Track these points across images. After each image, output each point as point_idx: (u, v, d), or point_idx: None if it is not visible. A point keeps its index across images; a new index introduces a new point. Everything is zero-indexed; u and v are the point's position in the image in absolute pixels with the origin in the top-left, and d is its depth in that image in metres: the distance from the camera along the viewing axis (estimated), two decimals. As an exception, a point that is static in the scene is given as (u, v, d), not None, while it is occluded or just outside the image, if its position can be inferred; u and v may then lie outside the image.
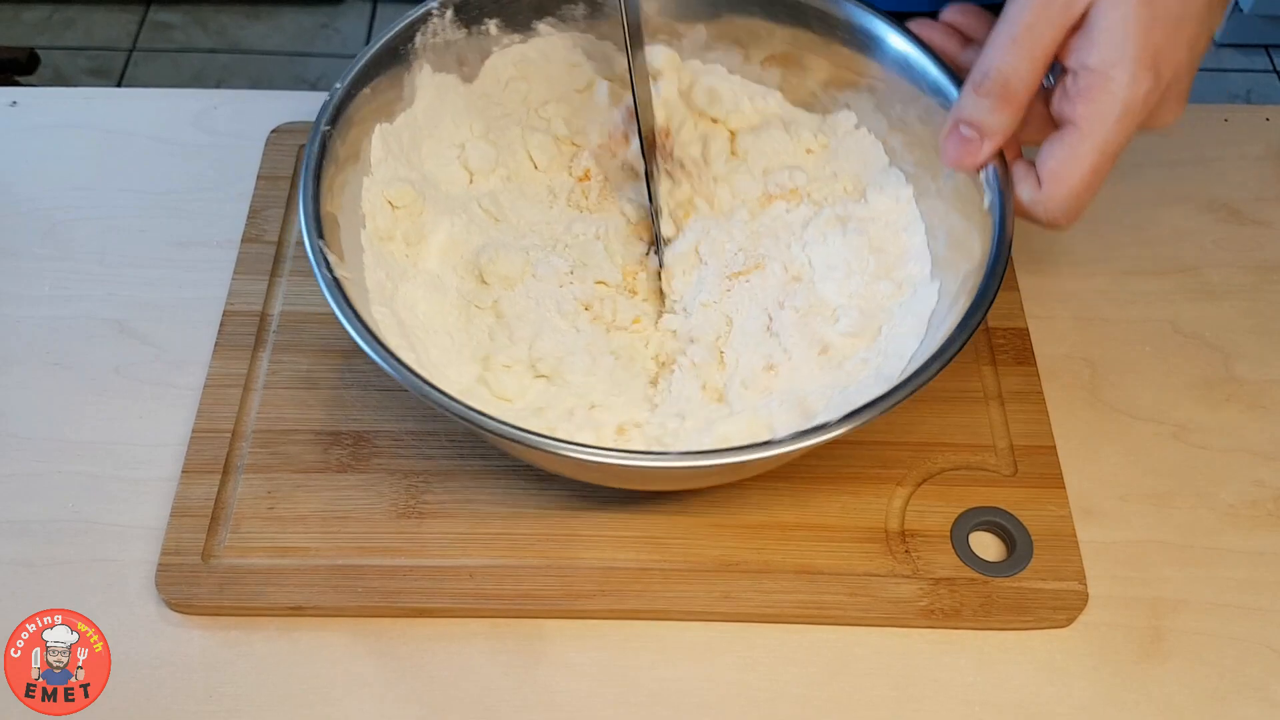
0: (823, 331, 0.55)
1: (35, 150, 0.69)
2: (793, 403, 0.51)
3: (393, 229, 0.55)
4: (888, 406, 0.45)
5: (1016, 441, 0.56)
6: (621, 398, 0.53)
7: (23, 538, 0.53)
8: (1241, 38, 1.85)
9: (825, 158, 0.61)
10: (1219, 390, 0.60)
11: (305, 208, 0.49)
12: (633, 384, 0.54)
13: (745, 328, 0.55)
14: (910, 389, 0.46)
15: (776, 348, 0.54)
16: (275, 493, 0.54)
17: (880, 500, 0.54)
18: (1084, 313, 0.62)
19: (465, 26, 0.58)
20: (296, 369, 0.58)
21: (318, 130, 0.52)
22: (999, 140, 0.49)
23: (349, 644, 0.51)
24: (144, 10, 1.89)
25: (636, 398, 0.54)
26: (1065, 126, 0.47)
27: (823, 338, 0.55)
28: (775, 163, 0.61)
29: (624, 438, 0.51)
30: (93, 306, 0.61)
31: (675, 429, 0.51)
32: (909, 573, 0.52)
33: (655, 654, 0.51)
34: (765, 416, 0.51)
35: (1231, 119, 0.71)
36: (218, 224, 0.65)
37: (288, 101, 0.70)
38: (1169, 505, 0.56)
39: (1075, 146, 0.47)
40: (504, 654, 0.51)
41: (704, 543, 0.53)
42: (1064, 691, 0.50)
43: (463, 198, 0.59)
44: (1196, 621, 0.52)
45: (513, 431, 0.44)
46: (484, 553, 0.52)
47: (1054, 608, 0.51)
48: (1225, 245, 0.65)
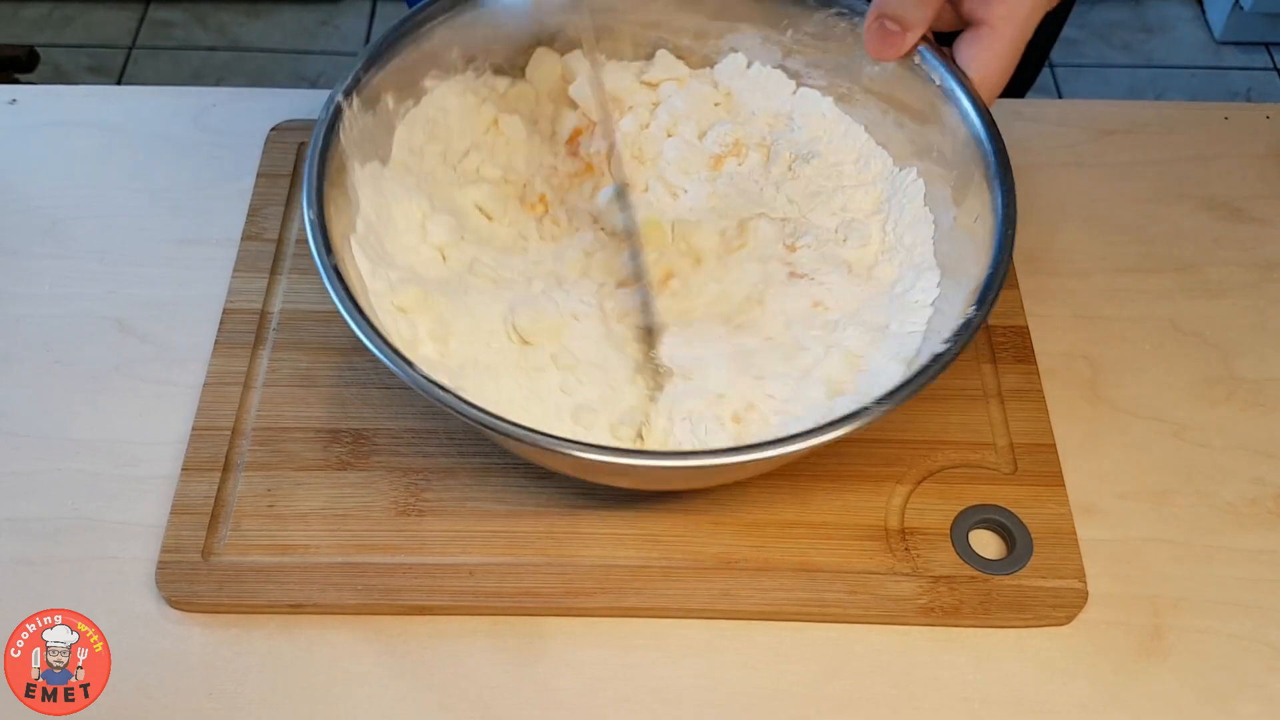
0: (839, 253, 0.57)
1: (35, 148, 0.69)
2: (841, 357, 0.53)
3: (416, 334, 0.52)
4: (893, 405, 0.45)
5: (1016, 439, 0.56)
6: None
7: (23, 536, 0.53)
8: (1242, 35, 1.85)
9: (737, 104, 0.62)
10: (1219, 388, 0.60)
11: (374, 343, 0.47)
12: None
13: (773, 283, 0.56)
14: (913, 388, 0.46)
15: (812, 285, 0.56)
16: (275, 490, 0.54)
17: (880, 498, 0.54)
18: (1084, 311, 0.62)
19: (370, 109, 0.55)
20: (296, 367, 0.58)
21: (324, 265, 0.48)
22: (920, 31, 0.53)
23: (349, 642, 0.51)
24: (144, 8, 1.89)
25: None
26: (981, 27, 0.51)
27: (844, 258, 0.57)
28: (705, 124, 0.61)
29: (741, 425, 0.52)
30: (93, 304, 0.61)
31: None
32: (909, 571, 0.52)
33: (655, 652, 0.51)
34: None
35: (1232, 117, 0.71)
36: (217, 222, 0.64)
37: (287, 99, 0.70)
38: (1169, 503, 0.56)
39: (993, 45, 0.51)
40: (504, 651, 0.51)
41: (704, 540, 0.53)
42: (1064, 689, 0.50)
43: (451, 277, 0.56)
44: (1196, 619, 0.52)
45: (520, 431, 0.44)
46: (484, 550, 0.52)
47: (1054, 606, 0.51)
48: (1225, 243, 0.65)
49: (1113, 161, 0.69)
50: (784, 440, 0.45)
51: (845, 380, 0.52)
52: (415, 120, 0.58)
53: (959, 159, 0.54)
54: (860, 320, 0.54)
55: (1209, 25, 1.89)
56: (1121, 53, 1.85)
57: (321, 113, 0.52)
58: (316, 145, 0.51)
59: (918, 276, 0.55)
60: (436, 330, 0.53)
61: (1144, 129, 0.70)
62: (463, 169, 0.60)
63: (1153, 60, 1.84)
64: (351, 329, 0.46)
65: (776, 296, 0.56)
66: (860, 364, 0.53)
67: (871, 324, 0.54)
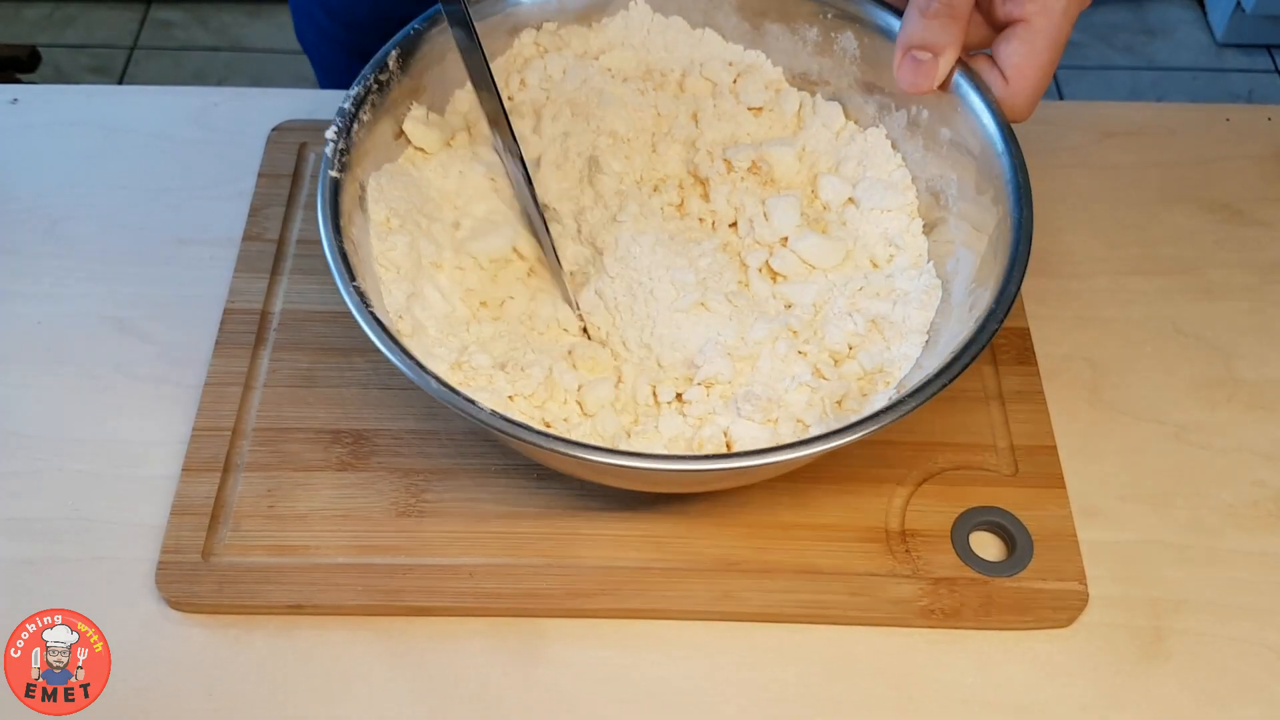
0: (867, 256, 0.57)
1: (36, 148, 0.68)
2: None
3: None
4: (898, 416, 0.46)
5: (1017, 441, 0.56)
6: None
7: (23, 536, 0.53)
8: (1243, 38, 1.85)
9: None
10: (1220, 390, 0.60)
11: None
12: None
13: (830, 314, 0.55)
14: (922, 398, 0.46)
15: (856, 318, 0.55)
16: (275, 491, 0.54)
17: (880, 500, 0.54)
18: (1085, 312, 0.62)
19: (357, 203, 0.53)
20: (297, 367, 0.58)
21: (424, 379, 0.46)
22: (954, 54, 0.52)
23: (349, 643, 0.51)
24: (145, 8, 1.89)
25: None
26: (1017, 25, 0.50)
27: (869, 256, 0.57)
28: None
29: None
30: (93, 304, 0.61)
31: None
32: (909, 572, 0.52)
33: (656, 653, 0.51)
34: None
35: (1233, 119, 0.71)
36: (218, 222, 0.64)
37: (288, 99, 0.70)
38: (1170, 505, 0.55)
39: (1032, 42, 0.50)
40: (504, 653, 0.51)
41: (705, 542, 0.53)
42: (1064, 691, 0.50)
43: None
44: (1197, 622, 0.52)
45: (529, 434, 0.45)
46: (484, 551, 0.52)
47: (1054, 608, 0.51)
48: (1226, 245, 0.65)
49: (1114, 163, 0.69)
50: (790, 446, 0.45)
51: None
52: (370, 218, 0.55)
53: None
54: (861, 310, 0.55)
55: (1210, 27, 1.89)
56: (1123, 55, 1.85)
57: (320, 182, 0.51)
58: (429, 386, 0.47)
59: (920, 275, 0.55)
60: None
61: (1145, 131, 0.70)
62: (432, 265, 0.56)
63: (1154, 62, 1.84)
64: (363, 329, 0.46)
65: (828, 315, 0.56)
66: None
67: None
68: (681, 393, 0.53)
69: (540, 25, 0.60)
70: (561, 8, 0.60)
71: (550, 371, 0.52)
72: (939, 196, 0.56)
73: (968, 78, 0.53)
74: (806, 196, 0.59)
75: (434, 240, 0.55)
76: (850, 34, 0.58)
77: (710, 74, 0.61)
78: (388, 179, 0.55)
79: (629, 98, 0.60)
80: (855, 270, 0.57)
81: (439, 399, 0.45)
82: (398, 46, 0.55)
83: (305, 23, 0.88)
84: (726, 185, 0.59)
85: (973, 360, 0.47)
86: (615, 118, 0.59)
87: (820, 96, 0.61)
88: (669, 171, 0.60)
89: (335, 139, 0.52)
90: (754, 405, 0.51)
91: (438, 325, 0.53)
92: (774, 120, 0.61)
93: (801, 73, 0.61)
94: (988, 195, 0.52)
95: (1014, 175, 0.51)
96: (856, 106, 0.60)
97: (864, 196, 0.58)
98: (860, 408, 0.51)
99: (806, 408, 0.51)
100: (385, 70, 0.54)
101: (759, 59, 0.61)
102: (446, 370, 0.51)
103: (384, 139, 0.55)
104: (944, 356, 0.48)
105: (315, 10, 0.84)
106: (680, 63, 0.62)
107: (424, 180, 0.57)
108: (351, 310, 0.47)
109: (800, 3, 0.59)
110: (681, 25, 0.61)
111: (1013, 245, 0.50)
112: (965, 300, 0.52)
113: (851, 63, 0.59)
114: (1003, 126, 0.52)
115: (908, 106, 0.57)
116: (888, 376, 0.53)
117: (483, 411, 0.45)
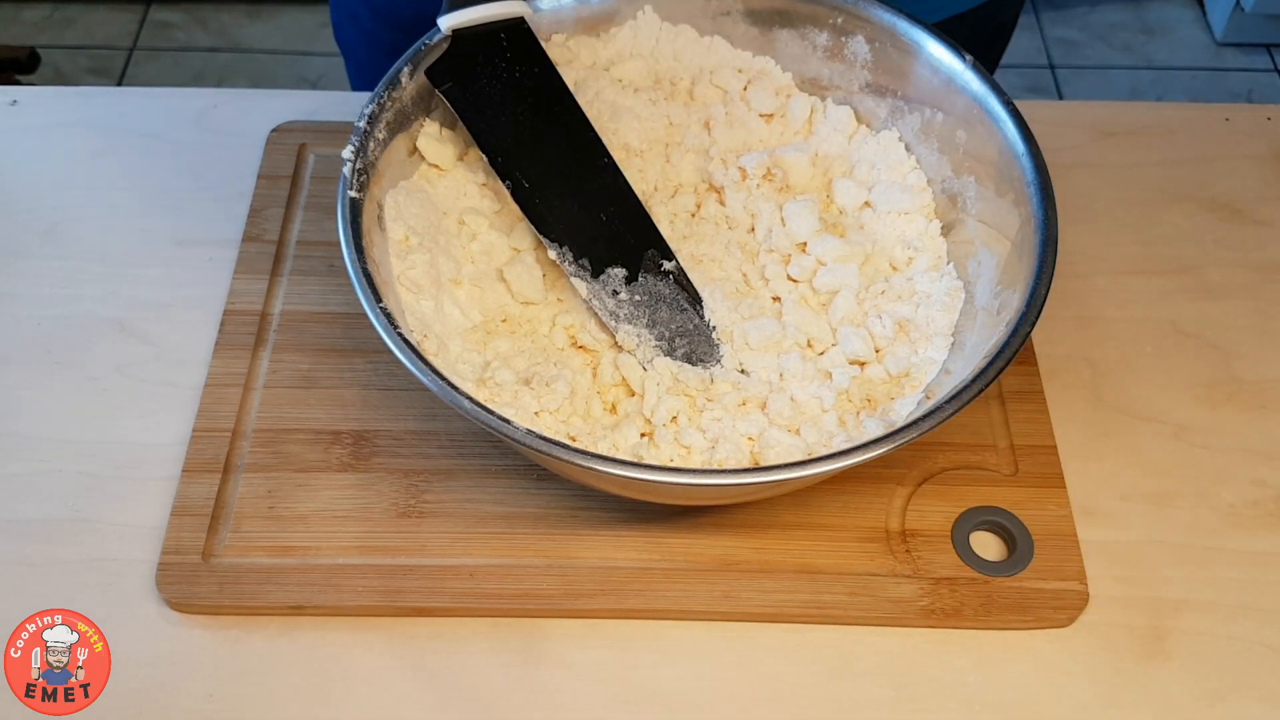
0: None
1: (35, 149, 0.69)
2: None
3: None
4: (938, 422, 0.46)
5: (1017, 441, 0.56)
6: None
7: (23, 537, 0.53)
8: (1242, 37, 1.85)
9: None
10: (1220, 390, 0.60)
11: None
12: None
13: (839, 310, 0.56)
14: (962, 402, 0.46)
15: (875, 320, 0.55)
16: (275, 492, 0.54)
17: (880, 500, 0.54)
18: (1085, 312, 0.62)
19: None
20: (297, 368, 0.58)
21: (456, 399, 0.46)
22: None
23: (349, 643, 0.51)
24: (144, 9, 1.89)
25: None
26: None
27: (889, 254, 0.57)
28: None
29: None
30: (93, 306, 0.61)
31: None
32: (909, 572, 0.52)
33: (655, 653, 0.51)
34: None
35: (1233, 118, 0.71)
36: (218, 223, 0.64)
37: (288, 100, 0.70)
38: (1170, 505, 0.55)
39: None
40: (504, 653, 0.51)
41: (704, 542, 0.53)
42: (1064, 691, 0.50)
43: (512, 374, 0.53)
44: (1197, 621, 0.52)
45: (544, 444, 0.45)
46: (484, 552, 0.52)
47: (1055, 607, 0.51)
48: (1226, 245, 0.65)
49: (1114, 163, 0.69)
50: (811, 461, 0.46)
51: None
52: (390, 233, 0.54)
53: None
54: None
55: (1210, 27, 1.89)
56: (1122, 54, 1.85)
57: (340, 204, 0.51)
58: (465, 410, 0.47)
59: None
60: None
61: (1145, 130, 0.70)
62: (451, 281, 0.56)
63: (1154, 62, 1.84)
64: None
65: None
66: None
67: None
68: (710, 398, 0.53)
69: (549, 38, 0.60)
70: (569, 19, 0.60)
71: (573, 386, 0.52)
72: (956, 199, 0.56)
73: (985, 81, 0.53)
74: (822, 201, 0.59)
75: (452, 257, 0.55)
76: (861, 38, 0.58)
77: (720, 81, 0.61)
78: (404, 196, 0.55)
79: (641, 109, 0.60)
80: (876, 274, 0.57)
81: (484, 425, 0.45)
82: (410, 63, 0.55)
83: (346, 22, 0.88)
84: (742, 192, 0.59)
85: (1008, 364, 0.47)
86: (628, 131, 0.59)
87: (831, 101, 0.61)
88: (683, 180, 0.60)
89: (352, 159, 0.51)
90: (780, 413, 0.51)
91: (459, 342, 0.53)
92: (785, 126, 0.61)
93: (811, 78, 0.61)
94: (1009, 198, 0.53)
95: (1036, 177, 0.51)
96: (868, 110, 0.60)
97: (880, 200, 0.58)
98: (888, 414, 0.51)
99: (831, 413, 0.51)
100: (398, 86, 0.54)
101: (769, 65, 0.61)
102: (473, 388, 0.51)
103: (399, 156, 0.56)
104: (975, 360, 0.48)
105: (359, 8, 0.83)
106: (690, 70, 0.62)
107: (439, 196, 0.57)
108: (380, 334, 0.47)
109: (809, 8, 0.59)
110: (690, 33, 0.61)
111: (1039, 247, 0.50)
112: (991, 303, 0.52)
113: (863, 67, 0.59)
114: (1022, 129, 0.52)
115: (922, 109, 0.57)
116: (914, 381, 0.53)
117: (548, 443, 0.45)
